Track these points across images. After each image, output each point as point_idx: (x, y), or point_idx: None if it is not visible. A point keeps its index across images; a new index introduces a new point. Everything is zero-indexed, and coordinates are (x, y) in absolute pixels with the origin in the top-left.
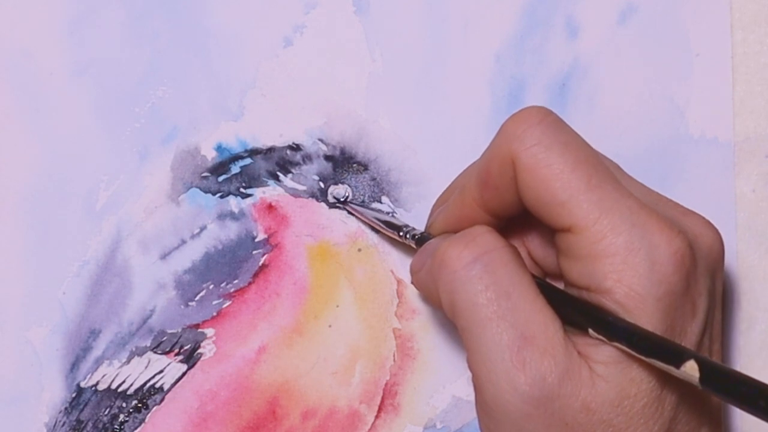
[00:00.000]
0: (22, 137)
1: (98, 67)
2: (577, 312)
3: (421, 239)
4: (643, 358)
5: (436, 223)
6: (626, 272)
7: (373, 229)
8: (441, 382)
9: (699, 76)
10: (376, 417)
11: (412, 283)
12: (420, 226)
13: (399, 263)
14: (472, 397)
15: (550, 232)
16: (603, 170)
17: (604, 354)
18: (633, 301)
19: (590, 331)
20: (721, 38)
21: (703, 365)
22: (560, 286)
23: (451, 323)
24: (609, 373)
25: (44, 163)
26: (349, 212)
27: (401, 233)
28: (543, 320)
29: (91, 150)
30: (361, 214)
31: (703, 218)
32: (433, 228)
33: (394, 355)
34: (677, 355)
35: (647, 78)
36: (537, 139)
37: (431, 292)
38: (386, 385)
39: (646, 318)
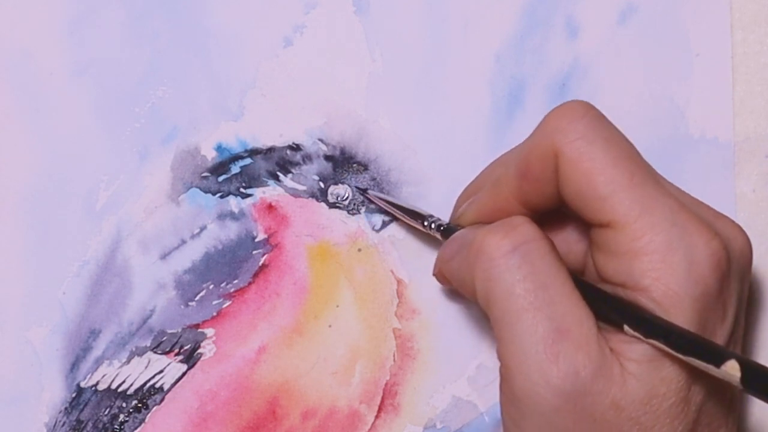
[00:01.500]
0: (22, 137)
1: (98, 67)
2: (613, 308)
3: (448, 230)
4: (681, 356)
5: (467, 214)
6: (664, 271)
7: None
8: (441, 382)
9: (699, 76)
10: (376, 417)
11: (434, 274)
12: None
13: (399, 263)
14: (472, 398)
15: (577, 229)
16: (645, 168)
17: (637, 352)
18: (670, 300)
19: (626, 327)
20: (721, 38)
21: (744, 365)
22: None
23: (452, 323)
24: (640, 371)
25: (44, 163)
26: (368, 199)
27: (426, 223)
28: (579, 314)
29: (91, 150)
30: (381, 201)
31: (734, 222)
32: (464, 219)
33: (394, 355)
34: (717, 355)
35: (647, 78)
36: (581, 132)
37: (464, 281)
38: (386, 385)
39: (682, 317)
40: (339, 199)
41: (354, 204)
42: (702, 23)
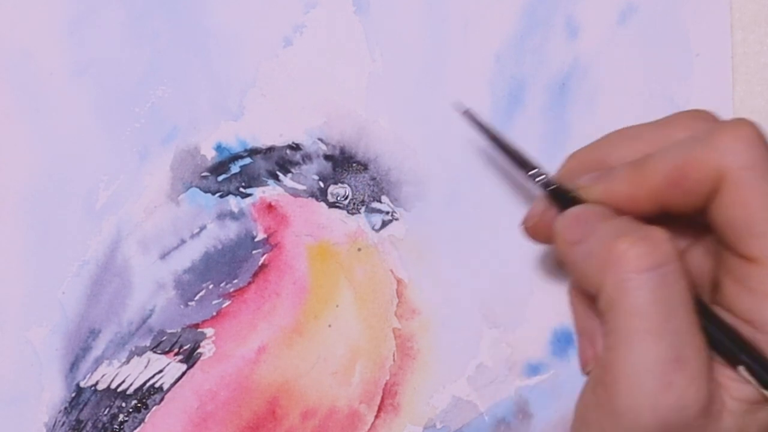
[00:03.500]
0: (22, 137)
1: (98, 67)
2: (735, 347)
3: (560, 194)
4: None
5: (595, 189)
6: None
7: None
8: (441, 382)
9: (699, 76)
10: (376, 417)
11: (525, 227)
12: (421, 226)
13: (399, 263)
14: (471, 397)
15: (705, 245)
16: None
17: (742, 391)
18: None
19: (740, 369)
20: (721, 38)
21: None
22: None
23: (452, 323)
24: (739, 410)
25: (44, 163)
26: (471, 122)
27: (532, 175)
28: (698, 346)
29: (91, 150)
30: (487, 134)
31: None
32: (591, 194)
33: (393, 355)
34: None
35: (647, 78)
36: (753, 161)
37: (587, 274)
38: (386, 385)
39: None
40: (339, 198)
41: (354, 204)
42: (702, 23)
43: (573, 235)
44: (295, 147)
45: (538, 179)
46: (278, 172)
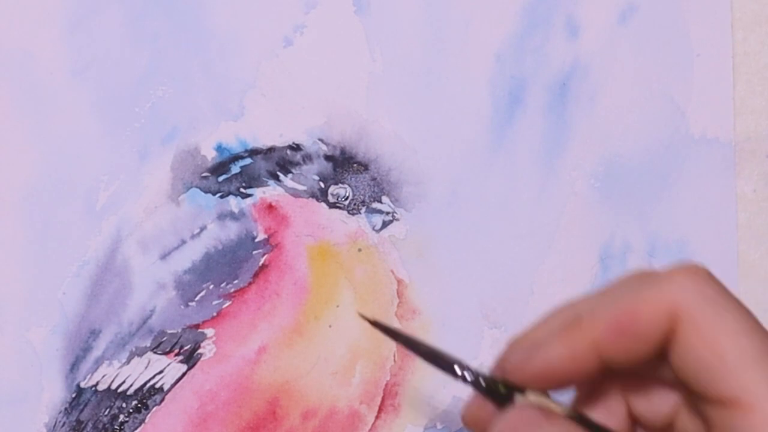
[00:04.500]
0: (22, 137)
1: (98, 67)
2: None
3: (492, 388)
4: None
5: (530, 368)
6: None
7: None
8: (441, 382)
9: (700, 76)
10: (377, 417)
11: (463, 422)
12: (421, 226)
13: (399, 263)
14: None
15: (661, 388)
16: None
17: None
18: None
19: None
20: (722, 38)
21: None
22: None
23: (452, 323)
24: None
25: (44, 163)
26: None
27: (460, 372)
28: None
29: (91, 150)
30: (401, 340)
31: None
32: (524, 369)
33: (394, 356)
34: None
35: (648, 78)
36: (710, 297)
37: None
38: (386, 385)
39: None
40: (339, 199)
41: (354, 204)
42: (703, 23)
43: None
44: (296, 147)
45: (467, 375)
46: (279, 173)
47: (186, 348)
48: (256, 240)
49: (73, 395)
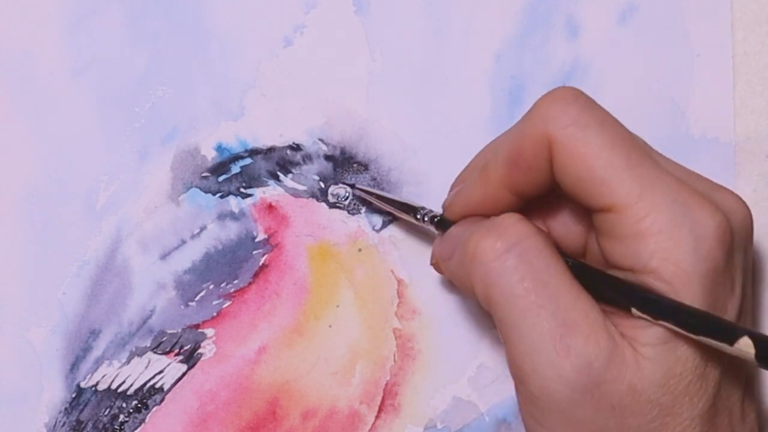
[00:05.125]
0: (22, 137)
1: (98, 67)
2: (619, 292)
3: (442, 222)
4: (693, 336)
5: (455, 203)
6: (672, 250)
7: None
8: (441, 382)
9: (700, 76)
10: (377, 417)
11: (431, 264)
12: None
13: (399, 263)
14: (472, 398)
15: (573, 211)
16: (640, 148)
17: (649, 335)
18: (679, 279)
19: (633, 310)
20: (722, 38)
21: (757, 341)
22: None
23: (452, 323)
24: (655, 354)
25: (44, 163)
26: (360, 196)
27: (418, 216)
28: (582, 306)
29: (91, 150)
30: (371, 196)
31: (734, 193)
32: (453, 209)
33: (394, 356)
34: (730, 332)
35: (648, 78)
36: (573, 118)
37: (463, 283)
38: (386, 385)
39: (692, 295)
40: (339, 199)
41: (354, 204)
42: (703, 23)
43: (444, 253)
44: (296, 147)
45: (425, 217)
46: (279, 173)
47: (186, 348)
48: (256, 240)
49: (73, 395)
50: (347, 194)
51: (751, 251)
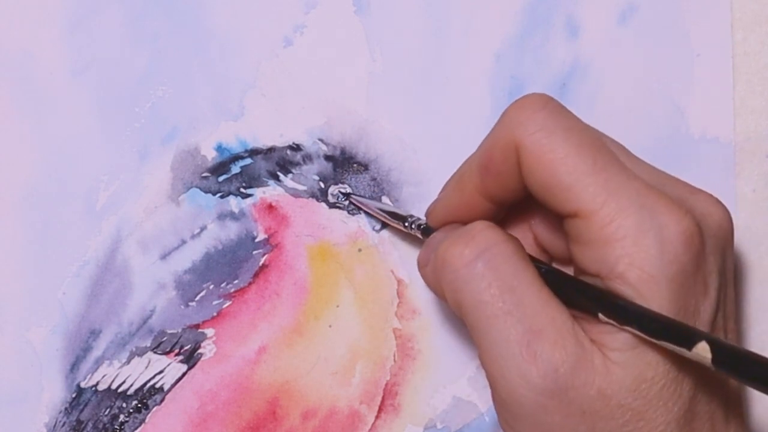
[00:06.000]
0: (22, 137)
1: (98, 67)
2: (586, 297)
3: (427, 230)
4: (654, 341)
5: (434, 212)
6: (637, 255)
7: (377, 220)
8: (441, 382)
9: (699, 76)
10: (377, 417)
11: (420, 273)
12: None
13: (399, 263)
14: (472, 398)
15: (557, 218)
16: (607, 153)
17: (618, 340)
18: (645, 284)
19: (600, 315)
20: (722, 38)
21: (714, 346)
22: (569, 271)
23: (452, 323)
24: (625, 359)
25: (44, 163)
26: (354, 205)
27: (406, 224)
28: (550, 312)
29: (91, 150)
30: (365, 205)
31: (711, 196)
32: (432, 217)
33: (394, 356)
34: (689, 337)
35: (648, 78)
36: (540, 125)
37: (437, 289)
38: (386, 385)
39: (659, 300)
40: (339, 199)
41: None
42: (703, 23)
43: (422, 260)
44: (296, 147)
45: (413, 225)
46: (279, 173)
47: (186, 348)
48: (256, 240)
49: (73, 395)
50: (347, 194)
51: (731, 253)
